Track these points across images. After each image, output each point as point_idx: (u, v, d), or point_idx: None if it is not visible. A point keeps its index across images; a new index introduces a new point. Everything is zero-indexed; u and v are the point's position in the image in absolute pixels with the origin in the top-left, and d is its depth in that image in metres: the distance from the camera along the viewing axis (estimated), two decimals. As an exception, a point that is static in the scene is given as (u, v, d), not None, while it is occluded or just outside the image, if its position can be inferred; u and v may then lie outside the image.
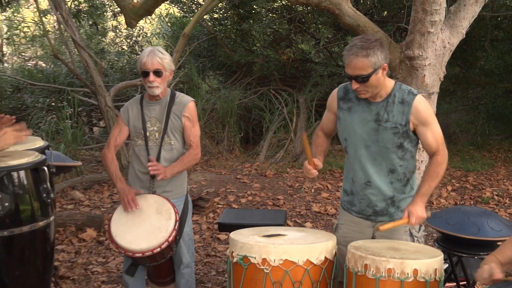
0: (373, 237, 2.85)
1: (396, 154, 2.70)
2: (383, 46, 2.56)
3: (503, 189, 7.32)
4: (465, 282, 3.56)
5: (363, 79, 2.54)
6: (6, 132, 2.65)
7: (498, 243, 3.14)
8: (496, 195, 7.02)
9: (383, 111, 2.67)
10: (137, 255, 2.98)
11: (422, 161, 4.13)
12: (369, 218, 2.83)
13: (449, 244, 3.27)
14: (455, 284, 3.59)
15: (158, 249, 2.96)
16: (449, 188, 7.25)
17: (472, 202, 6.72)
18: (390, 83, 2.69)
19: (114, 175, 3.22)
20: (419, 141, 2.76)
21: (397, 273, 2.31)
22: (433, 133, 2.68)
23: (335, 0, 3.77)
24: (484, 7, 4.11)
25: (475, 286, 3.46)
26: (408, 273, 2.31)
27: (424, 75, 3.76)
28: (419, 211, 2.60)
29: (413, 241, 2.80)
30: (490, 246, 3.14)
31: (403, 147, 2.70)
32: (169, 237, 2.99)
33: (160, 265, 3.23)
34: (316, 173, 2.77)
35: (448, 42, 3.80)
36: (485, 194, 7.03)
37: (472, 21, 3.93)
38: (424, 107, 2.66)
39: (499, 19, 9.03)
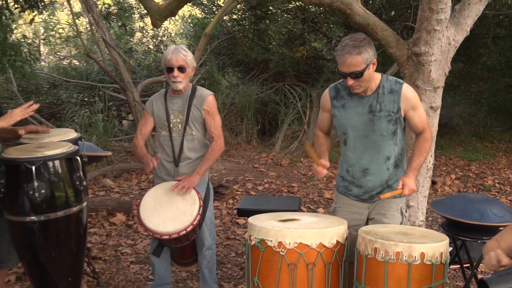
0: (368, 218, 2.88)
1: (391, 140, 2.74)
2: (371, 44, 2.62)
3: (504, 178, 7.20)
4: (468, 264, 3.52)
5: (357, 75, 2.58)
6: (12, 111, 2.69)
7: (500, 228, 3.09)
8: (498, 183, 6.91)
9: (375, 102, 2.70)
10: (164, 237, 2.99)
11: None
12: (365, 201, 2.86)
13: (453, 229, 3.22)
14: (459, 266, 3.55)
15: (184, 232, 2.97)
16: (453, 176, 7.15)
17: (474, 190, 6.63)
18: (378, 76, 2.73)
19: (141, 155, 3.25)
20: (406, 125, 2.82)
21: (405, 256, 2.28)
22: (420, 116, 2.76)
23: (346, 0, 3.71)
24: (487, 6, 4.01)
25: (478, 269, 3.41)
26: (415, 256, 2.28)
27: (430, 70, 3.69)
28: (412, 183, 2.67)
29: (402, 219, 2.85)
30: (492, 231, 3.08)
31: (396, 133, 2.75)
32: (194, 220, 3.00)
33: (184, 247, 3.23)
34: (325, 172, 2.81)
35: (453, 39, 3.72)
36: (487, 182, 6.92)
37: (476, 19, 3.84)
38: (412, 94, 2.74)
39: (501, 17, 8.85)
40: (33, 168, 2.46)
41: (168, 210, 3.05)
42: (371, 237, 2.38)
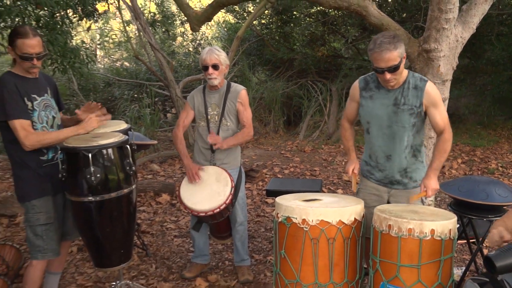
0: (388, 201, 2.79)
1: (411, 132, 2.64)
2: (401, 39, 2.52)
3: (507, 161, 6.96)
4: (474, 240, 3.41)
5: (395, 68, 2.47)
6: (90, 118, 2.73)
7: (504, 207, 2.99)
8: (501, 166, 6.68)
9: (400, 96, 2.60)
10: (201, 214, 2.99)
11: (429, 138, 3.90)
12: (386, 186, 2.78)
13: (461, 208, 3.12)
14: (465, 241, 3.45)
15: (218, 210, 2.97)
16: (459, 160, 6.95)
17: (479, 173, 6.43)
18: (405, 72, 2.62)
19: (182, 153, 3.24)
20: (427, 122, 2.70)
21: (417, 232, 2.21)
22: (441, 114, 2.61)
23: (362, 3, 3.61)
24: (491, 6, 3.85)
25: (483, 244, 3.30)
26: (426, 232, 2.21)
27: (439, 65, 3.58)
28: (433, 184, 2.55)
29: (423, 205, 2.77)
30: (497, 210, 2.98)
31: (417, 126, 2.64)
32: (226, 200, 2.99)
33: (220, 223, 3.24)
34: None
35: (461, 37, 3.59)
36: (491, 165, 6.71)
37: (481, 18, 3.70)
38: (434, 91, 2.61)
39: (504, 16, 8.54)
40: (90, 155, 2.47)
41: (204, 191, 3.05)
42: (385, 215, 2.32)
